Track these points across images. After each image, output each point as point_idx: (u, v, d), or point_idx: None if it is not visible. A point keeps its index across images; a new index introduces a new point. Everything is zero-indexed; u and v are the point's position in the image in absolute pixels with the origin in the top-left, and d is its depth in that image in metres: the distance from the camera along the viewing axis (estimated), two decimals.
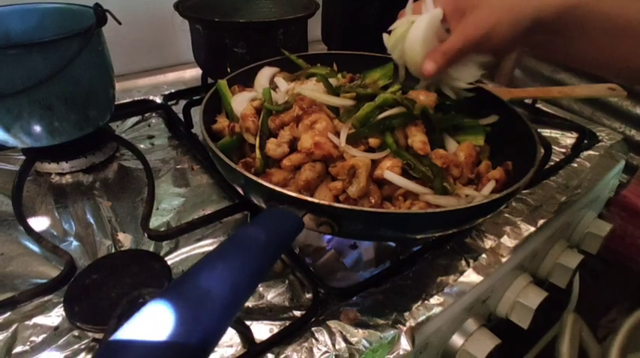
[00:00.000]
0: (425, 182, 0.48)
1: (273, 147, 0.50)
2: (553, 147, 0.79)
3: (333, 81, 0.60)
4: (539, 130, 0.85)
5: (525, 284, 0.63)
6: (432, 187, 0.48)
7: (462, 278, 0.52)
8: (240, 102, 0.59)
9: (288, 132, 0.51)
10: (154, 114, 0.85)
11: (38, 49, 0.54)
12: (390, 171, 0.47)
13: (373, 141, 0.51)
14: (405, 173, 0.50)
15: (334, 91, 0.55)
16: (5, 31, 0.66)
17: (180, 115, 0.79)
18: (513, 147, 0.59)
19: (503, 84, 1.93)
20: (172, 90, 0.91)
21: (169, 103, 0.88)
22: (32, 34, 0.67)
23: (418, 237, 0.50)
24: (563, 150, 0.82)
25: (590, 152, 0.79)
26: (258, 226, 0.33)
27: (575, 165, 0.75)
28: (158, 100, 0.88)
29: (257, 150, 0.51)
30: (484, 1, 0.46)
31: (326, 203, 0.38)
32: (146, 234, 0.52)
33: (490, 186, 0.49)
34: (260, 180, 0.41)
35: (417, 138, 0.51)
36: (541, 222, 0.62)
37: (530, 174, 0.46)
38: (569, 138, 0.85)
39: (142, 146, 0.75)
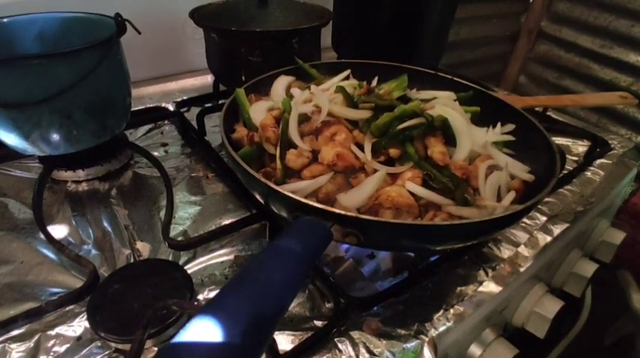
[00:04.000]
0: (445, 193, 0.49)
1: (294, 158, 0.50)
2: (566, 155, 0.80)
3: (348, 89, 0.60)
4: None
5: (542, 294, 0.63)
6: (452, 198, 0.48)
7: (481, 288, 0.53)
8: (259, 111, 0.59)
9: (307, 144, 0.52)
10: (166, 122, 0.86)
11: (61, 59, 0.54)
12: (411, 183, 0.47)
13: (394, 152, 0.51)
14: (424, 183, 0.50)
15: (352, 103, 0.55)
16: (27, 39, 0.66)
17: (194, 122, 0.79)
18: (530, 156, 0.59)
19: (508, 90, 1.94)
20: (185, 97, 0.92)
21: (182, 110, 0.88)
22: (53, 43, 0.67)
23: (439, 248, 0.50)
24: (576, 158, 0.82)
25: (603, 160, 0.80)
26: (292, 238, 0.33)
27: (589, 173, 0.76)
28: (170, 107, 0.89)
29: (277, 161, 0.52)
30: None
31: (353, 214, 0.38)
32: (167, 243, 0.52)
33: (510, 196, 0.49)
34: (287, 192, 0.41)
35: (437, 149, 0.51)
36: (557, 231, 0.62)
37: (551, 185, 0.46)
38: (580, 146, 0.85)
39: (156, 153, 0.75)
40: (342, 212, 0.38)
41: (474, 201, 0.48)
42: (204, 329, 0.24)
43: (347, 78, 0.69)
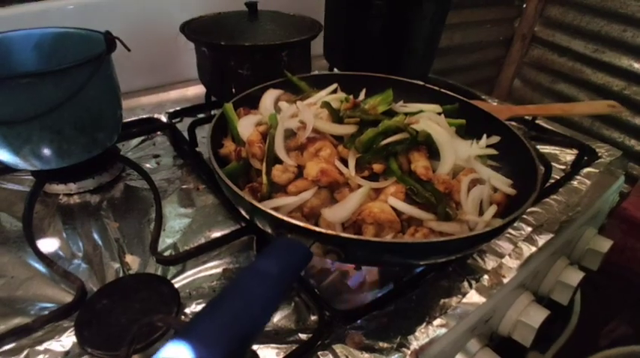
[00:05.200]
0: (428, 207, 0.49)
1: (279, 173, 0.51)
2: (553, 164, 0.80)
3: (335, 104, 0.61)
4: (538, 147, 0.87)
5: (527, 303, 0.64)
6: (435, 212, 0.49)
7: (464, 300, 0.53)
8: (246, 126, 0.60)
9: (293, 159, 0.52)
10: (159, 133, 0.86)
11: (50, 77, 0.55)
12: (394, 198, 0.48)
13: (377, 167, 0.52)
14: (407, 197, 0.51)
15: (338, 118, 0.56)
16: (24, 53, 0.67)
17: (185, 133, 0.80)
18: (514, 167, 0.60)
19: (502, 95, 1.95)
20: (177, 108, 0.92)
21: (174, 121, 0.89)
22: (49, 56, 0.68)
23: (422, 263, 0.51)
24: (563, 167, 0.83)
25: (590, 169, 0.81)
26: (268, 259, 0.34)
27: (575, 183, 0.77)
28: (163, 118, 0.90)
29: (264, 176, 0.53)
30: None
31: (333, 233, 0.39)
32: (154, 259, 0.53)
33: (491, 211, 0.50)
34: (269, 210, 0.42)
35: (420, 164, 0.52)
36: (542, 242, 0.63)
37: (532, 199, 0.47)
38: (568, 155, 0.86)
39: (147, 165, 0.77)
40: (323, 230, 0.39)
41: (456, 215, 0.49)
42: (177, 355, 0.25)
43: (335, 91, 0.70)
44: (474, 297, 0.54)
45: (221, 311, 0.30)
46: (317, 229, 0.39)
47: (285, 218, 0.40)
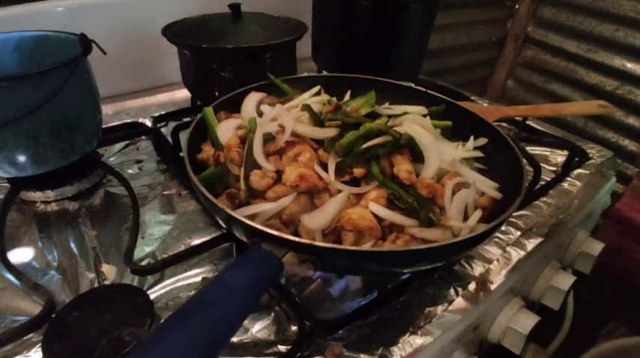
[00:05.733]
0: (411, 212, 0.48)
1: (257, 179, 0.50)
2: (543, 165, 0.79)
3: (317, 106, 0.60)
4: (529, 148, 0.85)
5: (517, 309, 0.62)
6: (418, 218, 0.48)
7: (450, 308, 0.52)
8: (226, 130, 0.59)
9: (272, 165, 0.51)
10: (143, 137, 0.85)
11: (23, 81, 0.53)
12: (375, 203, 0.47)
13: (358, 171, 0.50)
14: (390, 202, 0.49)
15: (319, 121, 0.55)
16: (4, 55, 0.66)
17: (169, 138, 0.79)
18: (502, 169, 0.59)
19: (496, 95, 1.94)
20: (162, 112, 0.91)
21: (159, 125, 0.88)
22: (22, 62, 0.67)
23: (405, 271, 0.49)
24: (554, 168, 0.81)
25: (581, 170, 0.79)
26: (236, 271, 0.32)
27: (566, 185, 0.75)
28: (148, 123, 0.88)
29: (242, 181, 0.51)
30: None
31: (307, 241, 0.38)
32: (129, 269, 0.51)
33: (476, 215, 0.49)
34: (242, 219, 0.40)
35: (403, 168, 0.51)
36: (531, 246, 0.62)
37: (517, 204, 0.46)
38: (559, 156, 0.85)
39: (130, 171, 0.75)
40: (296, 239, 0.38)
41: (439, 221, 0.47)
42: None
43: (318, 93, 0.68)
44: (460, 305, 0.52)
45: (183, 326, 0.28)
46: (290, 238, 0.38)
47: (258, 226, 0.39)
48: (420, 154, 0.55)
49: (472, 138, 0.62)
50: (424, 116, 0.61)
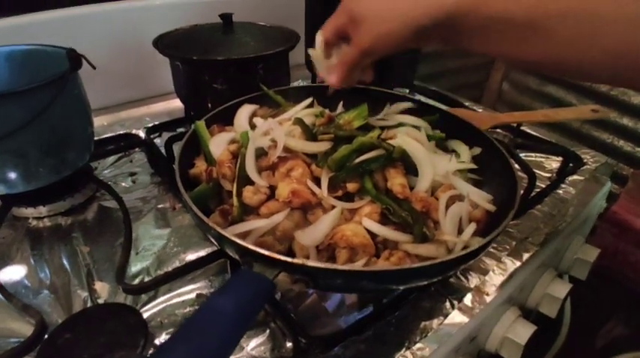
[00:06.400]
0: (405, 227, 0.48)
1: (250, 194, 0.50)
2: (538, 172, 0.79)
3: (310, 119, 0.60)
4: (523, 155, 0.85)
5: (514, 319, 0.62)
6: (412, 232, 0.47)
7: (446, 321, 0.52)
8: (219, 144, 0.58)
9: (265, 180, 0.51)
10: (137, 149, 0.84)
11: (13, 98, 0.53)
12: (368, 219, 0.46)
13: (351, 186, 0.50)
14: (384, 217, 0.49)
15: (311, 135, 0.54)
16: None
17: (163, 149, 0.78)
18: (496, 179, 0.59)
19: (492, 98, 1.95)
20: (156, 122, 0.90)
21: (152, 136, 0.87)
22: (12, 77, 0.66)
23: (400, 288, 0.49)
24: (548, 174, 0.81)
25: (576, 177, 0.79)
26: (225, 295, 0.32)
27: (561, 192, 0.75)
28: (141, 133, 0.88)
29: (234, 198, 0.51)
30: (373, 11, 0.49)
31: (299, 262, 0.37)
32: (121, 288, 0.51)
33: (470, 229, 0.49)
34: (233, 237, 0.40)
35: (397, 181, 0.51)
36: (527, 255, 0.62)
37: (510, 218, 0.46)
38: (554, 162, 0.85)
39: (123, 184, 0.74)
40: (288, 259, 0.37)
41: (434, 236, 0.47)
42: None
43: (311, 104, 0.68)
44: (456, 318, 0.52)
45: (174, 354, 0.28)
46: (282, 258, 0.37)
47: (249, 246, 0.39)
48: (413, 166, 0.55)
49: (466, 149, 0.62)
50: (419, 127, 0.61)
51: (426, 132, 0.61)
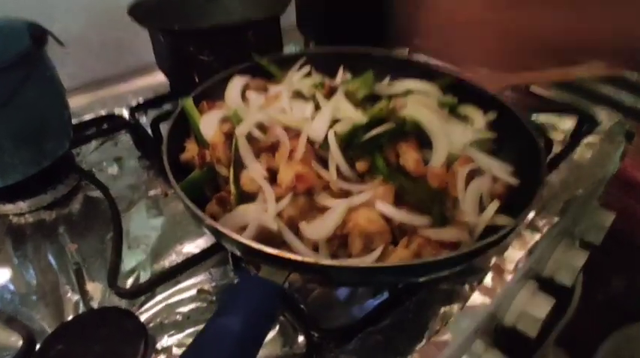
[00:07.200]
0: (421, 208, 0.43)
1: (249, 181, 0.45)
2: (551, 134, 0.75)
3: (308, 90, 0.54)
4: (534, 117, 0.80)
5: (532, 293, 0.59)
6: (429, 212, 0.43)
7: (468, 304, 0.48)
8: (210, 123, 0.53)
9: (263, 163, 0.46)
10: (123, 131, 0.78)
11: None
12: (382, 202, 0.42)
13: (361, 166, 0.45)
14: (398, 198, 0.44)
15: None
16: None
17: (149, 130, 0.72)
18: (512, 148, 0.54)
19: None
20: (140, 100, 0.84)
21: (137, 115, 0.81)
22: None
23: (421, 280, 0.45)
24: (561, 137, 0.77)
25: (591, 138, 0.75)
26: (230, 311, 0.28)
27: (576, 156, 0.71)
28: (125, 112, 0.81)
29: (231, 184, 0.46)
30: None
31: (312, 260, 0.33)
32: (114, 292, 0.46)
33: (493, 207, 0.44)
34: (235, 236, 0.35)
35: (410, 157, 0.46)
36: (547, 227, 0.58)
37: (540, 194, 0.41)
38: (567, 123, 0.80)
39: (109, 171, 0.69)
40: (299, 258, 0.33)
41: (453, 217, 0.43)
42: None
43: (308, 73, 0.62)
44: (477, 300, 0.49)
45: None
46: (292, 257, 0.33)
47: (253, 245, 0.34)
48: (426, 138, 0.50)
49: (481, 115, 0.57)
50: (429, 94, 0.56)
51: (436, 98, 0.55)
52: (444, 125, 0.50)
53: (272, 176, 0.46)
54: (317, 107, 0.49)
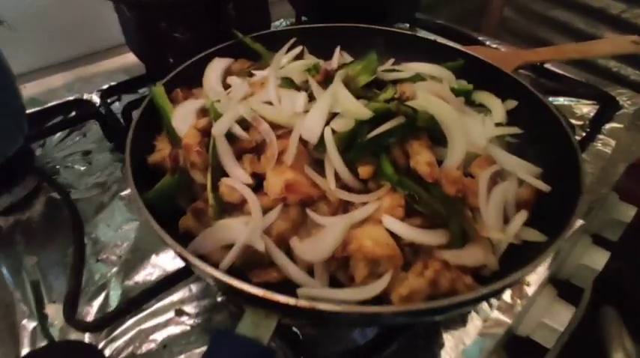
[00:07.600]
0: (437, 221, 0.36)
1: (229, 190, 0.37)
2: (569, 119, 0.68)
3: (300, 75, 0.46)
4: (550, 99, 0.73)
5: (550, 301, 0.54)
6: (445, 225, 0.36)
7: (486, 325, 0.42)
8: (184, 117, 0.45)
9: (247, 167, 0.38)
10: (92, 120, 0.69)
11: None
12: (390, 217, 0.35)
13: (364, 171, 0.38)
14: (408, 208, 0.37)
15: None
16: None
17: (121, 118, 0.64)
18: (537, 142, 0.47)
19: (493, 26, 1.76)
20: (112, 83, 0.74)
21: (109, 101, 0.72)
22: None
23: (438, 318, 0.39)
24: (580, 122, 0.70)
25: (613, 124, 0.68)
26: None
27: (599, 144, 0.64)
28: (95, 98, 0.72)
29: (209, 193, 0.38)
30: None
31: (307, 305, 0.26)
32: (71, 326, 0.39)
33: (520, 218, 0.38)
34: (215, 272, 0.28)
35: (422, 158, 0.38)
36: (570, 231, 0.51)
37: (578, 208, 0.35)
38: (585, 106, 0.73)
39: (76, 167, 0.61)
40: (291, 302, 0.26)
41: (475, 232, 0.36)
42: None
43: (300, 54, 0.54)
44: (496, 320, 0.43)
45: None
46: (282, 300, 0.26)
47: (234, 283, 0.27)
48: (439, 133, 0.42)
49: (499, 104, 0.49)
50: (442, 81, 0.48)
51: (449, 84, 0.48)
52: (462, 118, 0.42)
53: (258, 182, 0.39)
54: (310, 97, 0.41)
